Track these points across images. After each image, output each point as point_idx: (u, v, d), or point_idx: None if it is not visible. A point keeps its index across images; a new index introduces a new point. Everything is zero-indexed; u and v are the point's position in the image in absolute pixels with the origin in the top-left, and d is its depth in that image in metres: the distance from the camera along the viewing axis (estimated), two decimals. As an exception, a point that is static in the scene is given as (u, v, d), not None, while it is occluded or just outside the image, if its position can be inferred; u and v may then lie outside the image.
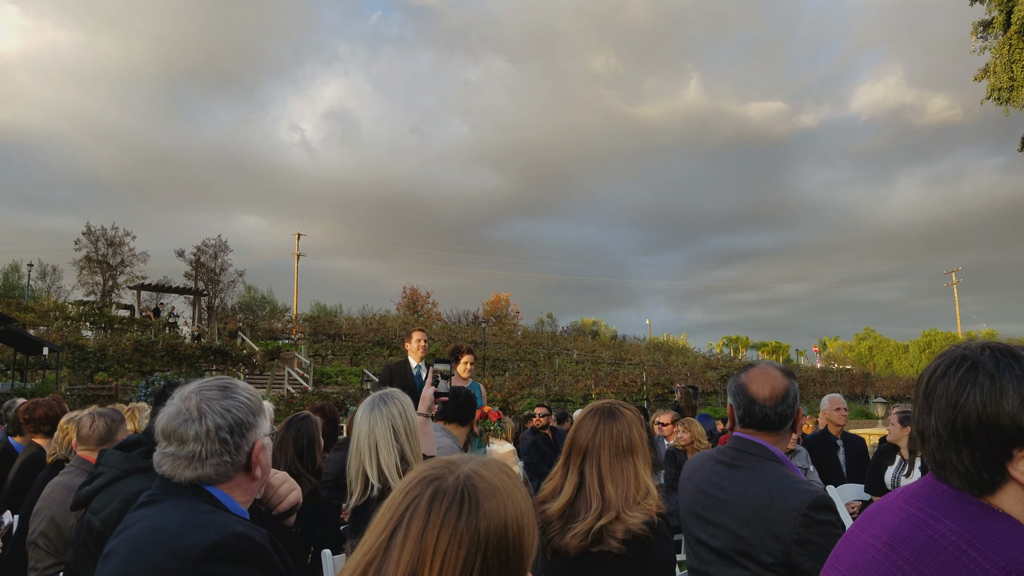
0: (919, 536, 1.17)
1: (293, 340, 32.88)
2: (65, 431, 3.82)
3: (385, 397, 2.82)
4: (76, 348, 23.06)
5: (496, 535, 0.99)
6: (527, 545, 1.03)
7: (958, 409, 1.17)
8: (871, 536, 1.29)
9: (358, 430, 2.77)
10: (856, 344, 71.22)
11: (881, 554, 1.23)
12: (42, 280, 44.11)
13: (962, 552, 1.09)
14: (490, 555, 0.98)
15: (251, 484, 1.75)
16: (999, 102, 24.52)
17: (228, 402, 1.68)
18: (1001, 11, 24.15)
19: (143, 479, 2.37)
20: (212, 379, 1.76)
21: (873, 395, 33.25)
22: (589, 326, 63.86)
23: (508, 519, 1.01)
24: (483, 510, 0.99)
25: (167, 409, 1.67)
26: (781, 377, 2.29)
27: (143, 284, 36.13)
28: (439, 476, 1.04)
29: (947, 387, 1.20)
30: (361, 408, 2.86)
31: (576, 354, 35.61)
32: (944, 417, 1.19)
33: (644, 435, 2.35)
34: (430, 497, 1.00)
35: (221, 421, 1.65)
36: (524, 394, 25.92)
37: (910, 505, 1.25)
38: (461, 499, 1.00)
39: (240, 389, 1.75)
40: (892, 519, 1.26)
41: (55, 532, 3.12)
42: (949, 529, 1.14)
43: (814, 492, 2.07)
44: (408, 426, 2.77)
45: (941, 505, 1.19)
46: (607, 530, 2.16)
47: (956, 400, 1.18)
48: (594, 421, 2.37)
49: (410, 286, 53.96)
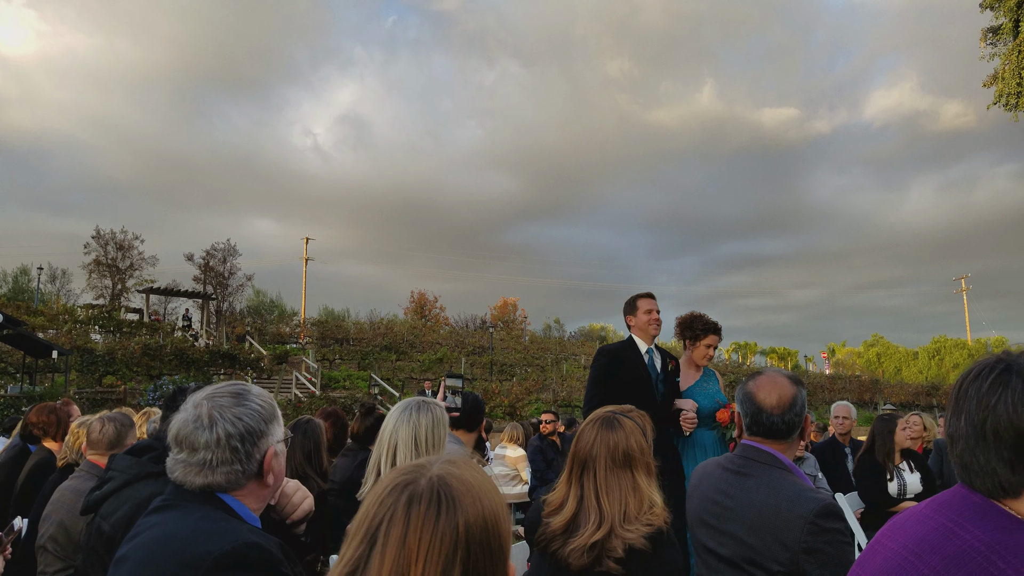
0: (947, 546, 1.16)
1: (301, 344, 32.94)
2: (75, 435, 3.83)
3: (421, 405, 2.83)
4: (85, 351, 23.14)
5: (477, 529, 1.00)
6: (504, 534, 1.05)
7: (988, 410, 1.18)
8: (898, 544, 1.27)
9: (385, 425, 2.79)
10: (865, 350, 70.83)
11: (908, 563, 1.22)
12: (52, 283, 44.49)
13: (991, 563, 1.08)
14: (473, 549, 0.99)
15: (263, 491, 1.74)
16: (1007, 108, 24.43)
17: (240, 409, 1.68)
18: (1010, 17, 24.08)
19: (153, 484, 2.37)
20: (225, 385, 1.75)
21: (882, 402, 33.04)
22: (597, 331, 63.82)
23: (486, 512, 1.02)
24: (461, 507, 1.00)
25: (180, 415, 1.67)
26: (789, 385, 2.28)
27: (152, 288, 36.30)
28: (411, 480, 1.04)
29: (979, 389, 1.21)
30: (396, 406, 2.87)
31: (584, 359, 35.49)
32: (974, 419, 1.20)
33: (645, 445, 2.29)
34: (407, 502, 1.00)
35: (232, 429, 1.64)
36: (532, 399, 25.88)
37: (939, 514, 1.24)
38: (439, 500, 1.00)
39: (253, 396, 1.74)
40: (919, 528, 1.25)
41: (64, 536, 3.13)
42: (978, 540, 1.13)
43: (822, 500, 2.07)
44: (432, 439, 2.77)
45: (971, 515, 1.18)
46: (605, 548, 2.10)
47: (988, 402, 1.19)
48: (593, 431, 2.31)
49: (418, 291, 54.13)
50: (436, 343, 34.76)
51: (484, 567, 1.00)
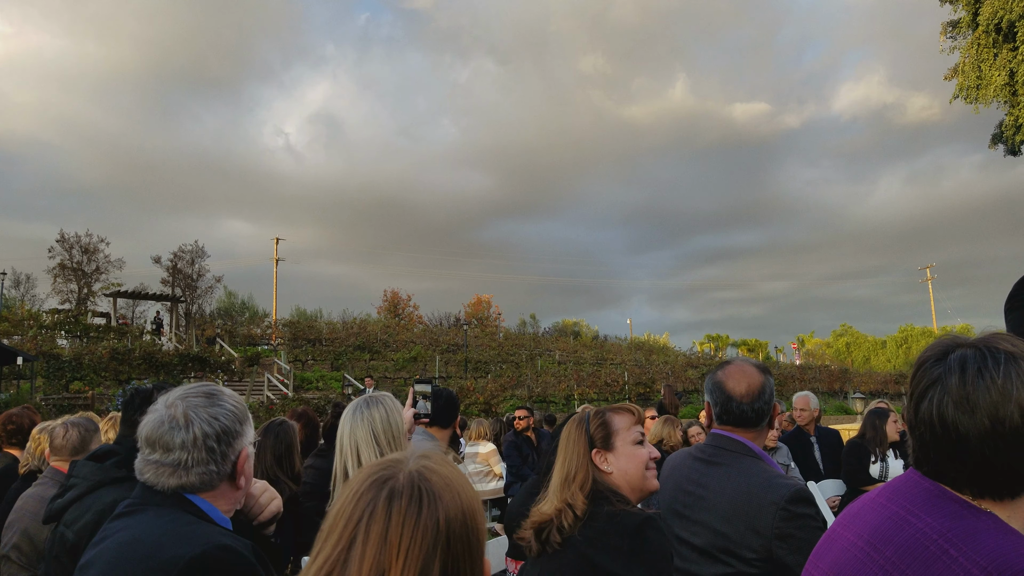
0: (901, 535, 1.17)
1: (273, 346, 32.61)
2: (37, 441, 3.75)
3: (369, 401, 2.81)
4: (51, 357, 22.71)
5: (457, 524, 1.00)
6: (481, 528, 1.05)
7: (969, 402, 1.17)
8: (853, 535, 1.27)
9: (341, 431, 2.76)
10: (834, 340, 71.90)
11: (863, 553, 1.22)
12: (16, 289, 43.51)
13: (944, 552, 1.08)
14: (453, 544, 0.99)
15: (235, 493, 1.72)
16: (968, 100, 24.97)
17: (215, 409, 1.66)
18: (968, 11, 24.60)
19: (117, 490, 2.33)
20: (197, 385, 1.73)
21: (852, 391, 33.56)
22: (571, 327, 64.01)
23: (464, 506, 1.02)
24: (442, 502, 1.00)
25: (151, 416, 1.64)
26: (757, 373, 2.30)
27: (119, 291, 35.66)
28: (390, 476, 1.03)
29: (917, 379, 1.22)
30: (346, 410, 2.85)
31: (558, 355, 35.61)
32: (916, 408, 1.22)
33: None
34: (387, 498, 0.99)
35: (208, 429, 1.62)
36: (507, 396, 25.88)
37: (892, 503, 1.24)
38: (419, 495, 0.99)
39: (226, 397, 1.72)
40: (874, 517, 1.25)
41: (28, 545, 3.06)
42: (931, 528, 1.13)
43: (793, 486, 2.09)
44: (390, 430, 2.75)
45: (923, 503, 1.19)
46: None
47: (924, 393, 1.20)
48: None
49: (392, 289, 53.84)
50: (410, 342, 34.59)
51: (463, 561, 1.00)
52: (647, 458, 2.21)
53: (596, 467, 2.18)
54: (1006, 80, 23.58)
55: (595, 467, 2.18)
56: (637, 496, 2.19)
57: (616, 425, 2.23)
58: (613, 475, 2.18)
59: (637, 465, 2.19)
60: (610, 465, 2.18)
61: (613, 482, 2.17)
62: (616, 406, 2.32)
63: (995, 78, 23.67)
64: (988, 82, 23.92)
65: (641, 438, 2.23)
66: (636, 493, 2.19)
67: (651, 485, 2.21)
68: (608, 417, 2.25)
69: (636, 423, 2.26)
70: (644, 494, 2.21)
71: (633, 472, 2.18)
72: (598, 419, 2.25)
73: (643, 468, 2.19)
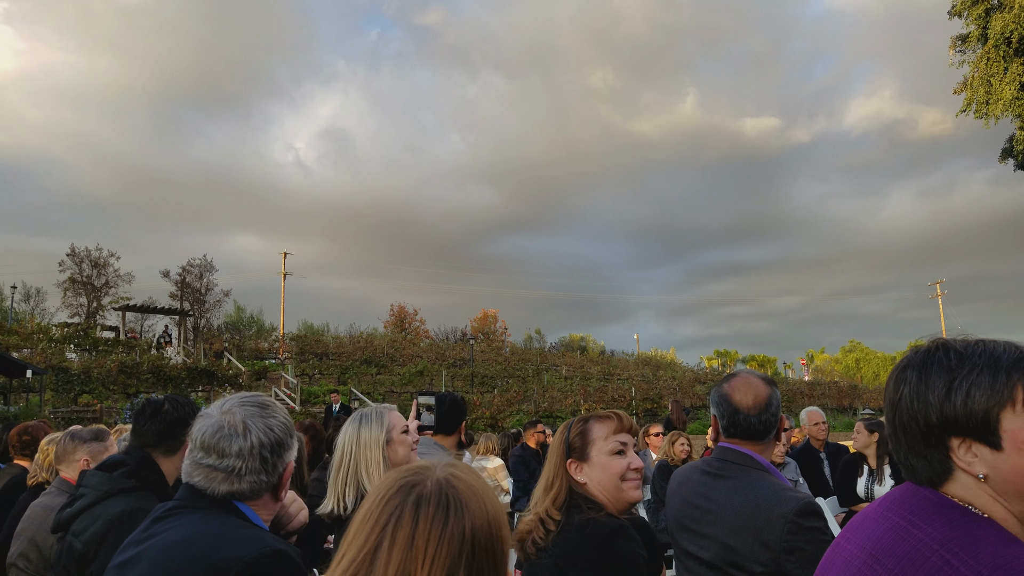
0: (901, 546, 1.17)
1: (280, 360, 32.65)
2: (45, 452, 3.77)
3: (373, 413, 2.81)
4: (60, 371, 22.79)
5: (482, 533, 1.01)
6: (505, 538, 1.05)
7: (894, 408, 1.24)
8: (856, 547, 1.27)
9: (342, 441, 2.76)
10: (843, 356, 71.51)
11: (866, 565, 1.21)
12: (26, 302, 43.80)
13: (945, 563, 1.08)
14: (478, 553, 0.99)
15: (274, 504, 1.74)
16: (977, 115, 24.92)
17: (270, 420, 1.67)
18: (978, 25, 24.60)
19: (126, 499, 2.35)
20: (250, 395, 1.74)
21: (861, 407, 33.31)
22: (577, 341, 63.90)
23: (490, 516, 1.03)
24: (468, 510, 1.01)
25: (206, 420, 1.65)
26: (763, 385, 2.29)
27: (128, 305, 35.82)
28: (418, 482, 1.04)
29: (887, 389, 1.28)
30: (348, 421, 2.85)
31: (565, 370, 35.53)
32: (889, 416, 1.26)
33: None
34: (415, 503, 1.00)
35: (264, 439, 1.64)
36: (513, 410, 25.82)
37: (892, 513, 1.24)
38: (447, 502, 1.00)
39: (278, 409, 1.74)
40: (875, 528, 1.25)
41: (36, 554, 3.07)
42: (931, 537, 1.13)
43: (801, 499, 2.07)
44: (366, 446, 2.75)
45: (922, 512, 1.19)
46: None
47: (893, 399, 1.25)
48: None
49: (398, 304, 53.92)
50: (416, 356, 34.58)
51: (487, 570, 1.01)
52: (624, 469, 2.17)
53: (571, 477, 2.17)
54: (1015, 94, 23.54)
55: (570, 477, 2.17)
56: (617, 507, 2.17)
57: (594, 434, 2.21)
58: (588, 485, 2.16)
59: (611, 476, 2.16)
60: (584, 476, 2.17)
61: (589, 492, 2.16)
62: (601, 413, 2.28)
63: (1005, 92, 23.64)
64: (998, 96, 23.87)
65: (621, 447, 2.20)
66: (614, 504, 2.16)
67: (630, 496, 2.17)
68: (588, 426, 2.23)
69: (618, 431, 2.22)
70: (624, 505, 2.18)
71: (608, 483, 2.16)
72: (579, 427, 2.24)
73: (618, 479, 2.16)
